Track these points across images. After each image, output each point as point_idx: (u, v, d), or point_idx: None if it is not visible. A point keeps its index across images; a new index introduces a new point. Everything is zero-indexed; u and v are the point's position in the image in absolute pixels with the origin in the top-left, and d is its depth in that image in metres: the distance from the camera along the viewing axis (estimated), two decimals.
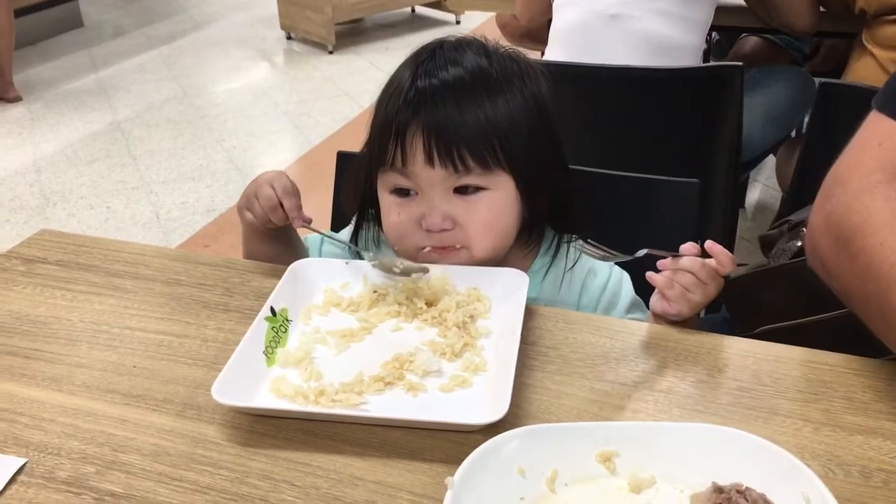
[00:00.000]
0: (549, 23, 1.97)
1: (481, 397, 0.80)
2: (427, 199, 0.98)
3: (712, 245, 0.89)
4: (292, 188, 1.03)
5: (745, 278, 1.27)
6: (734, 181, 1.79)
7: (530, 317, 0.91)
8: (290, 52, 5.17)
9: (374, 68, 4.71)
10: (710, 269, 0.89)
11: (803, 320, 1.08)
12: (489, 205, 0.99)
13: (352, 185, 1.10)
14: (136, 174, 3.49)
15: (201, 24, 5.75)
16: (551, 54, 1.91)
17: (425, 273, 0.91)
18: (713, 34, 2.48)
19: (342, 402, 0.78)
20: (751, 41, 2.54)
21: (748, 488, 0.64)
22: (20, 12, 4.65)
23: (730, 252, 0.89)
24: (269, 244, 1.08)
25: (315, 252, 1.13)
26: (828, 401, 0.78)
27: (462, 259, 1.00)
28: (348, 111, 4.12)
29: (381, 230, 1.08)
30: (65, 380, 0.85)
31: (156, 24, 5.77)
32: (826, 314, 1.02)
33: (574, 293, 1.07)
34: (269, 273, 1.03)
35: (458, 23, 5.49)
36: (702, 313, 0.97)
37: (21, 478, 0.72)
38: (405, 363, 0.84)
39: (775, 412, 0.77)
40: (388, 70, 1.04)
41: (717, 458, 0.68)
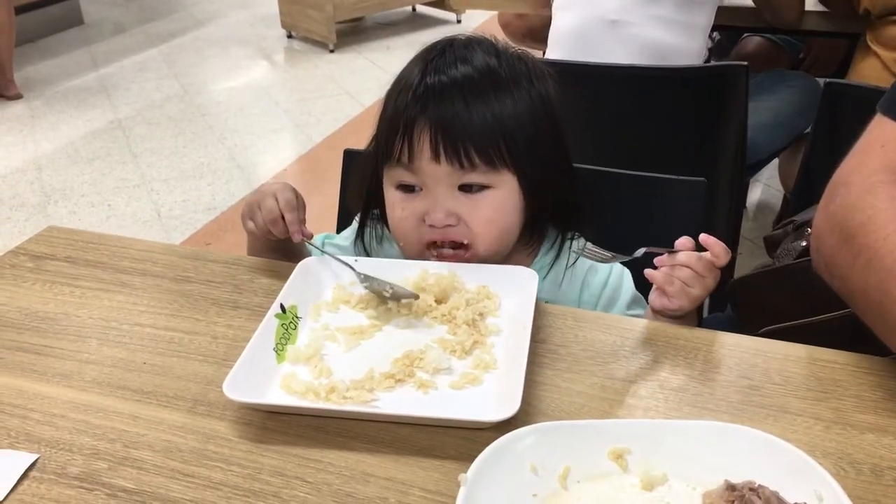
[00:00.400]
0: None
1: (492, 394, 0.80)
2: (432, 195, 0.99)
3: (706, 238, 0.89)
4: (296, 201, 1.02)
5: (749, 278, 1.27)
6: (739, 181, 1.79)
7: (539, 314, 0.91)
8: (290, 51, 5.17)
9: (374, 67, 4.70)
10: (707, 262, 0.89)
11: (807, 320, 1.08)
12: (493, 203, 0.99)
13: (357, 182, 1.10)
14: (137, 172, 3.49)
15: (202, 22, 5.75)
16: (551, 57, 1.91)
17: (416, 299, 0.92)
18: (714, 34, 2.47)
19: (353, 399, 0.79)
20: (753, 41, 2.54)
21: (761, 486, 0.64)
22: (20, 9, 4.65)
23: (725, 244, 0.90)
24: (271, 255, 1.08)
25: None
26: (838, 399, 0.79)
27: (466, 261, 1.00)
28: (349, 110, 4.12)
29: (385, 227, 1.08)
30: (75, 376, 0.85)
31: (156, 22, 5.76)
32: (829, 314, 1.02)
33: (575, 289, 1.07)
34: (277, 270, 1.03)
35: (458, 22, 5.49)
36: (704, 312, 0.97)
37: (33, 473, 0.72)
38: (415, 360, 0.84)
39: (786, 410, 0.77)
40: (388, 69, 1.05)
41: (729, 456, 0.68)
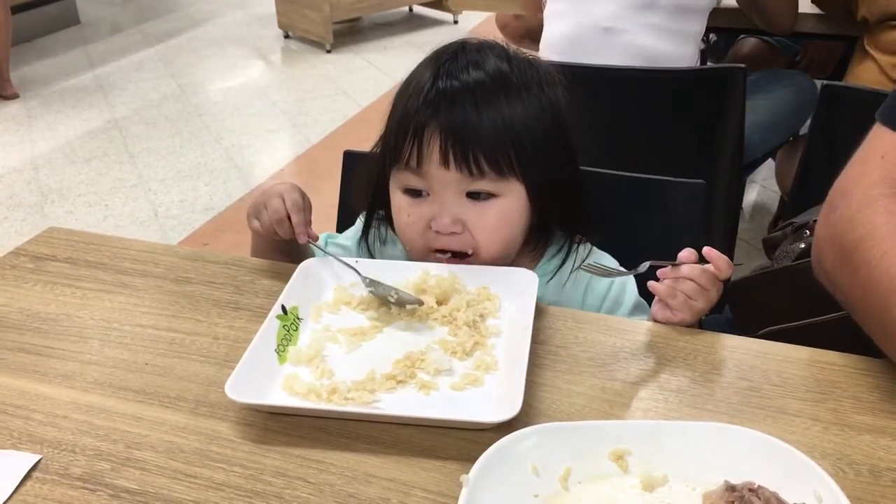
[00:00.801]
0: None
1: (493, 396, 0.80)
2: (439, 200, 0.98)
3: (710, 251, 0.89)
4: (302, 203, 1.02)
5: (748, 280, 1.27)
6: (736, 182, 1.79)
7: (540, 316, 0.92)
8: (287, 51, 5.17)
9: (371, 67, 4.70)
10: (710, 275, 0.89)
11: (806, 322, 1.09)
12: (499, 212, 0.99)
13: (362, 182, 1.10)
14: (134, 172, 3.49)
15: (199, 22, 5.74)
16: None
17: (420, 305, 0.92)
18: (710, 35, 2.48)
19: (355, 400, 0.79)
20: (748, 43, 2.55)
21: (760, 487, 0.65)
22: (17, 9, 4.64)
23: (727, 256, 0.90)
24: (275, 255, 1.08)
25: None
26: (836, 400, 0.79)
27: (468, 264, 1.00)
28: (346, 110, 4.12)
29: (390, 228, 1.08)
30: (77, 377, 0.85)
31: (153, 22, 5.76)
32: (828, 316, 1.03)
33: (578, 293, 1.07)
34: (278, 271, 1.03)
35: (455, 22, 5.49)
36: (703, 318, 0.98)
37: (36, 474, 0.73)
38: (417, 361, 0.85)
39: (784, 411, 0.78)
40: (386, 69, 1.05)
41: (728, 457, 0.69)
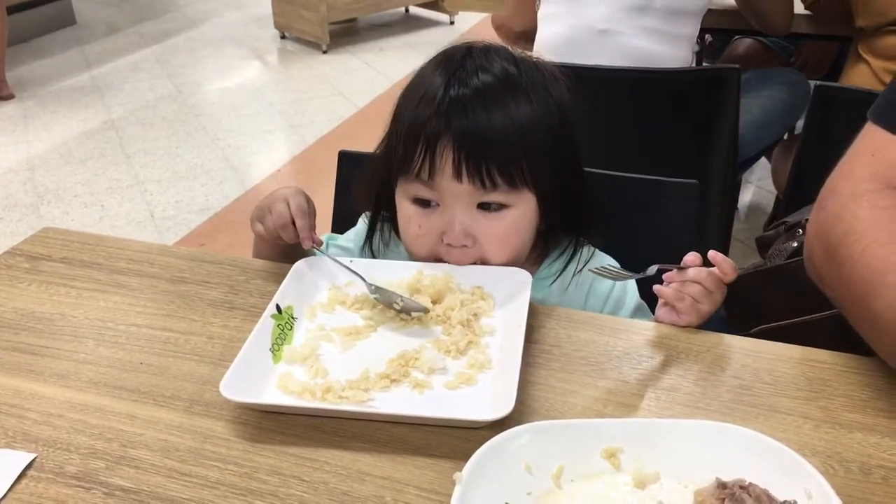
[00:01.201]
0: None
1: (487, 394, 0.81)
2: (449, 212, 0.97)
3: (715, 254, 0.90)
4: (307, 208, 1.01)
5: (741, 278, 1.27)
6: (731, 182, 1.80)
7: (533, 315, 0.92)
8: (284, 52, 5.17)
9: (368, 68, 4.70)
10: (716, 278, 0.90)
11: (798, 319, 1.10)
12: (511, 223, 0.98)
13: (365, 186, 1.09)
14: (130, 173, 3.49)
15: (195, 23, 5.74)
16: None
17: (426, 313, 0.92)
18: (706, 36, 2.49)
19: (349, 399, 0.79)
20: (744, 43, 2.56)
21: (751, 484, 0.65)
22: (12, 9, 4.64)
23: (730, 259, 0.91)
24: (278, 258, 1.07)
25: None
26: (827, 399, 0.80)
27: None
28: (343, 111, 4.13)
29: (392, 230, 1.08)
30: (72, 376, 0.85)
31: (149, 22, 5.76)
32: (820, 314, 1.04)
33: (581, 296, 1.07)
34: (272, 271, 1.03)
35: (451, 23, 5.49)
36: None
37: (31, 473, 0.73)
38: (411, 360, 0.85)
39: (776, 410, 0.79)
40: (382, 70, 1.04)
41: (720, 455, 0.69)
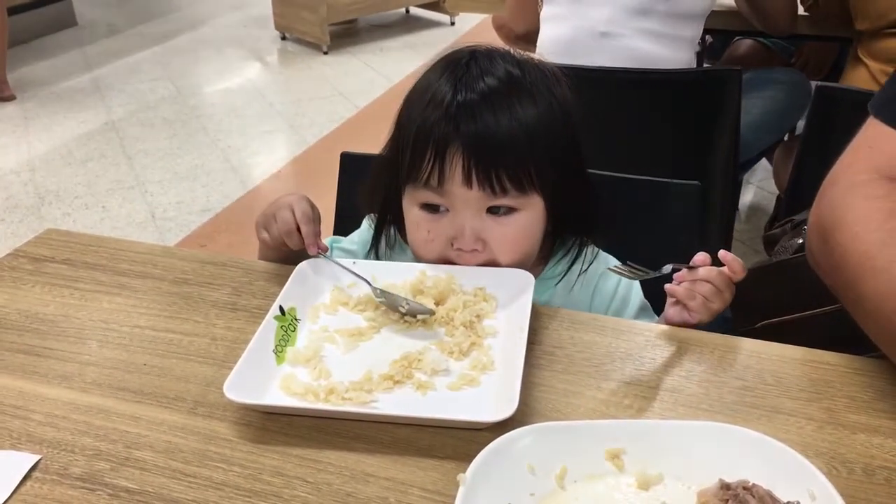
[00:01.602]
0: None
1: (490, 395, 0.81)
2: (459, 217, 0.97)
3: (725, 254, 0.91)
4: (312, 214, 1.01)
5: (746, 274, 1.29)
6: (731, 183, 1.80)
7: (536, 317, 0.92)
8: (284, 52, 5.17)
9: (368, 69, 4.71)
10: (726, 277, 0.91)
11: (803, 314, 1.11)
12: (520, 227, 0.98)
13: (370, 188, 1.09)
14: (131, 174, 3.49)
15: (196, 24, 5.74)
16: None
17: (432, 315, 0.92)
18: (706, 37, 2.49)
19: (352, 400, 0.79)
20: (744, 44, 2.55)
21: (754, 485, 0.65)
22: (13, 10, 4.64)
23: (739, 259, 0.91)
24: (283, 264, 1.06)
25: None
26: (830, 400, 0.80)
27: None
28: (343, 111, 4.13)
29: (398, 233, 1.08)
30: (76, 377, 0.86)
31: (150, 23, 5.76)
32: (824, 308, 1.04)
33: (587, 296, 1.07)
34: (275, 273, 1.03)
35: (452, 24, 5.50)
36: None
37: (35, 474, 0.73)
38: (414, 362, 0.85)
39: (778, 411, 0.79)
40: (382, 70, 1.04)
41: (723, 456, 0.69)
